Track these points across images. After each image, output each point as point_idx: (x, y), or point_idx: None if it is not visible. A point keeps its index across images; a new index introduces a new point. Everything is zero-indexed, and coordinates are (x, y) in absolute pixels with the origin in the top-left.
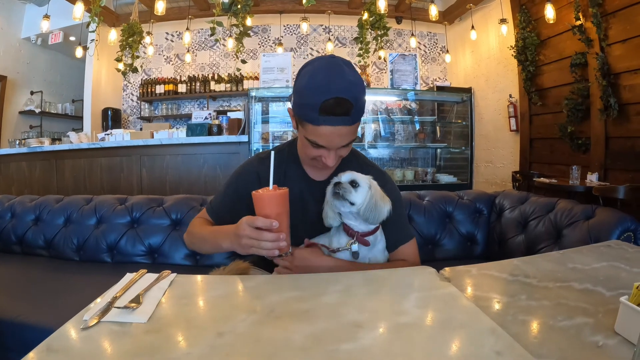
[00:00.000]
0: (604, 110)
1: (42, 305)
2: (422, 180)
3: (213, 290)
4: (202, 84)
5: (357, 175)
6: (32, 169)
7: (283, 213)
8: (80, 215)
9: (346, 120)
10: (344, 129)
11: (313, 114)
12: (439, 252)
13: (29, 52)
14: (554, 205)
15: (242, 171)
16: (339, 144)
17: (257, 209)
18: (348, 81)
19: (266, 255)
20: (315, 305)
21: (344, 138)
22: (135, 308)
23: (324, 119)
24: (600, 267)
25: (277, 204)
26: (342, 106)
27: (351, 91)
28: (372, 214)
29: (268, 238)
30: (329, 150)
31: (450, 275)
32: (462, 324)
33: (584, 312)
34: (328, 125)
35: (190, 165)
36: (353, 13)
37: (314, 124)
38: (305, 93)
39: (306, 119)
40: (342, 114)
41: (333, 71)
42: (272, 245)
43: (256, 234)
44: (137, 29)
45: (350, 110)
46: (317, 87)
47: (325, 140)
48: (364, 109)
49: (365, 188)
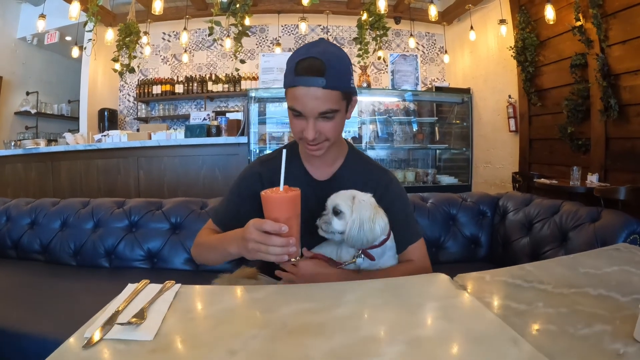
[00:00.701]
0: (604, 111)
1: (39, 312)
2: (423, 182)
3: (220, 303)
4: (199, 84)
5: (339, 200)
6: (28, 170)
7: (293, 217)
8: (77, 219)
9: (319, 82)
10: (318, 92)
11: (290, 76)
12: (442, 255)
13: (24, 52)
14: (559, 208)
15: (245, 175)
16: (315, 109)
17: (266, 211)
18: (326, 48)
19: (275, 261)
20: (330, 318)
21: (320, 103)
22: (139, 324)
23: (299, 79)
24: (612, 271)
25: (287, 206)
26: (315, 66)
27: (326, 55)
28: (358, 240)
29: (276, 243)
30: (307, 120)
31: (464, 282)
32: (483, 335)
33: (601, 319)
34: (302, 85)
35: (189, 167)
36: (351, 13)
37: (290, 85)
38: (287, 62)
39: (286, 85)
40: (315, 74)
41: (315, 43)
42: (280, 250)
43: (264, 238)
44: (134, 29)
45: (324, 71)
46: (297, 53)
47: (300, 104)
48: (343, 81)
49: (347, 213)
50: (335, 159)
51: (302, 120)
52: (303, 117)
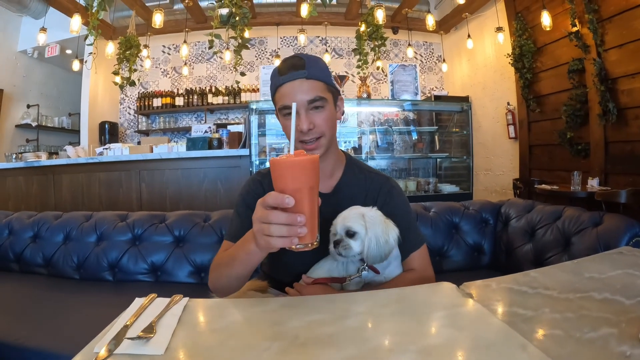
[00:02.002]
0: (602, 115)
1: (43, 327)
2: (424, 191)
3: (230, 316)
4: (199, 96)
5: (349, 221)
6: (29, 183)
7: (304, 189)
8: (79, 233)
9: (302, 74)
10: (304, 83)
11: (275, 79)
12: (446, 264)
13: (25, 65)
14: (561, 213)
15: (247, 188)
16: (303, 99)
17: (273, 181)
18: (303, 54)
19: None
20: (340, 329)
21: (306, 92)
22: (149, 338)
23: (282, 78)
24: (616, 275)
25: (294, 173)
26: (295, 62)
27: (304, 55)
28: (377, 255)
29: (280, 219)
30: (299, 113)
31: (470, 290)
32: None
33: (607, 322)
34: (287, 82)
35: (191, 180)
36: (349, 24)
37: (277, 86)
38: (272, 72)
39: (273, 89)
40: (296, 68)
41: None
42: (286, 230)
43: (266, 214)
44: (134, 42)
45: (304, 65)
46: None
47: (289, 98)
48: (323, 72)
49: (361, 233)
50: (334, 170)
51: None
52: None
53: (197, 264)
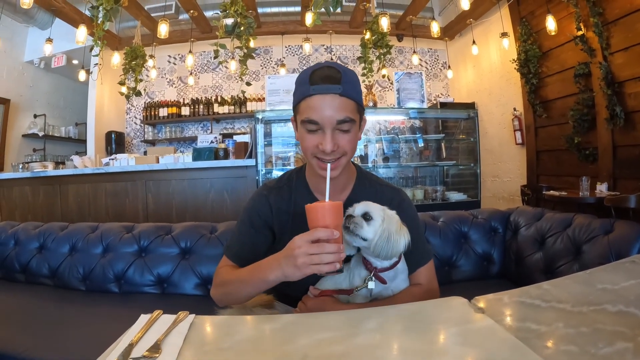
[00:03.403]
0: (610, 119)
1: (48, 339)
2: (432, 199)
3: (237, 334)
4: (205, 106)
5: (371, 207)
6: (36, 194)
7: (339, 225)
8: (85, 244)
9: (337, 89)
10: (335, 100)
11: (305, 87)
12: (455, 274)
13: (32, 75)
14: (571, 221)
15: (254, 204)
16: (333, 117)
17: (313, 221)
18: (338, 63)
19: (325, 272)
20: (350, 347)
21: (337, 110)
22: (155, 358)
23: (314, 87)
24: (629, 285)
25: (334, 214)
26: (331, 74)
27: (340, 67)
28: (384, 250)
29: (330, 250)
30: (325, 131)
31: (482, 305)
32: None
33: (622, 336)
34: (318, 94)
35: (197, 191)
36: (354, 32)
37: (305, 95)
38: (299, 77)
39: (300, 97)
40: (331, 81)
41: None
42: (334, 257)
43: (316, 247)
44: (139, 52)
45: (339, 79)
46: (310, 68)
47: (318, 113)
48: (357, 90)
49: (378, 221)
50: (346, 184)
51: (317, 135)
52: (318, 131)
53: (203, 275)
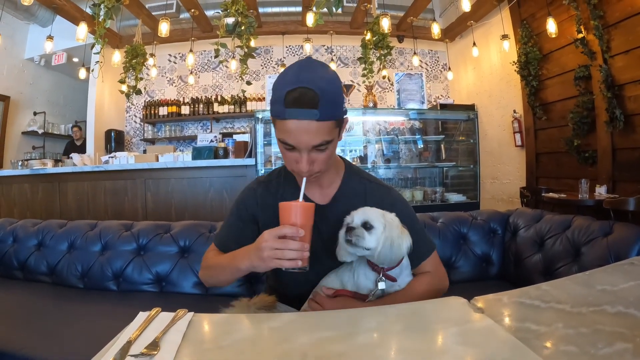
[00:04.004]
0: (609, 122)
1: (46, 336)
2: (431, 200)
3: (236, 333)
4: (205, 105)
5: (370, 215)
6: (35, 191)
7: (307, 226)
8: (84, 241)
9: (313, 114)
10: (312, 125)
11: (280, 107)
12: (454, 275)
13: (32, 73)
14: (570, 223)
15: (242, 197)
16: (309, 143)
17: (283, 218)
18: (317, 74)
19: (288, 267)
20: (351, 346)
21: (314, 136)
22: (153, 355)
23: (290, 111)
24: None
25: (302, 214)
26: (307, 97)
27: (318, 83)
28: (388, 257)
29: (293, 247)
30: (301, 152)
31: (481, 305)
32: None
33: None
34: (294, 119)
35: (196, 189)
36: (355, 33)
37: (280, 118)
38: (275, 88)
39: (275, 115)
40: (307, 106)
41: (303, 66)
42: (296, 254)
43: (281, 243)
44: (140, 51)
45: (317, 102)
46: (284, 81)
47: (293, 138)
48: (337, 108)
49: (379, 229)
50: (332, 180)
51: (294, 153)
52: (294, 150)
53: None
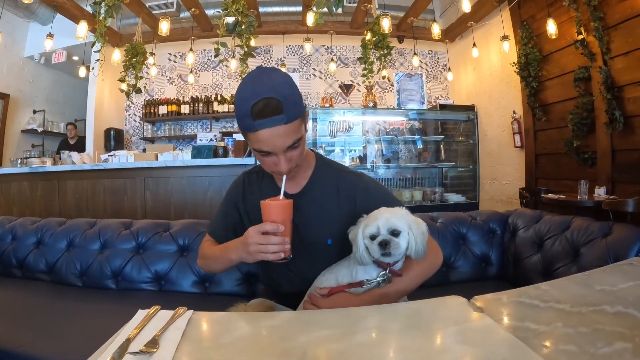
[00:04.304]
0: (609, 123)
1: (45, 335)
2: (431, 201)
3: (235, 331)
4: (205, 104)
5: (393, 220)
6: (34, 189)
7: (287, 220)
8: (83, 240)
9: (280, 119)
10: (281, 129)
11: (248, 121)
12: (453, 275)
13: (32, 71)
14: (569, 224)
15: (230, 188)
16: (283, 145)
17: (264, 216)
18: (272, 82)
19: (272, 260)
20: (349, 345)
21: (286, 138)
22: (152, 353)
23: (259, 123)
24: (628, 287)
25: (282, 211)
26: (271, 106)
27: (277, 90)
28: (422, 249)
29: (274, 241)
30: (278, 155)
31: (481, 304)
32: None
33: (621, 336)
34: (264, 128)
35: (196, 188)
36: (355, 33)
37: (252, 131)
38: (238, 105)
39: (245, 129)
40: (274, 113)
41: (257, 78)
42: (277, 248)
43: (264, 238)
44: (140, 50)
45: (281, 107)
46: (245, 96)
47: (267, 145)
48: (299, 106)
49: (405, 230)
50: (304, 171)
51: (271, 157)
52: (271, 154)
53: (201, 273)
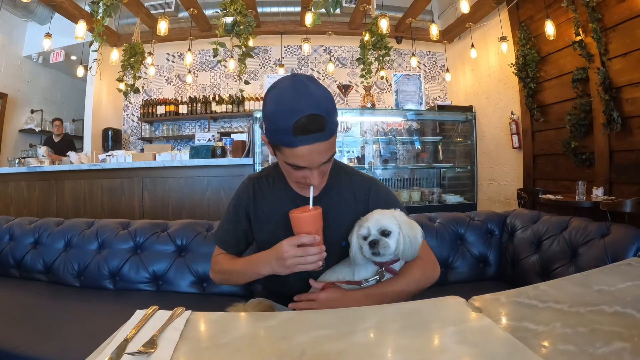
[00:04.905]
0: (607, 124)
1: (43, 335)
2: (429, 201)
3: (234, 331)
4: (203, 105)
5: (383, 221)
6: (32, 189)
7: (320, 229)
8: (81, 240)
9: (322, 136)
10: (322, 145)
11: (287, 137)
12: (451, 275)
13: (30, 70)
14: (568, 224)
15: (237, 194)
16: (320, 161)
17: (297, 228)
18: (315, 96)
19: (311, 270)
20: (348, 345)
21: (324, 154)
22: (150, 353)
23: (300, 139)
24: (626, 287)
25: (315, 222)
26: (315, 122)
27: (321, 106)
28: (410, 252)
29: (313, 252)
30: (312, 170)
31: (480, 304)
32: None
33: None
34: (305, 144)
35: (194, 188)
36: (353, 34)
37: (290, 146)
38: (276, 118)
39: (282, 143)
40: (316, 130)
41: (298, 90)
42: (316, 257)
43: (302, 251)
44: (138, 49)
45: (324, 125)
46: (286, 110)
47: (305, 161)
48: (336, 120)
49: (396, 231)
50: None
51: (303, 171)
52: (305, 168)
53: (199, 273)
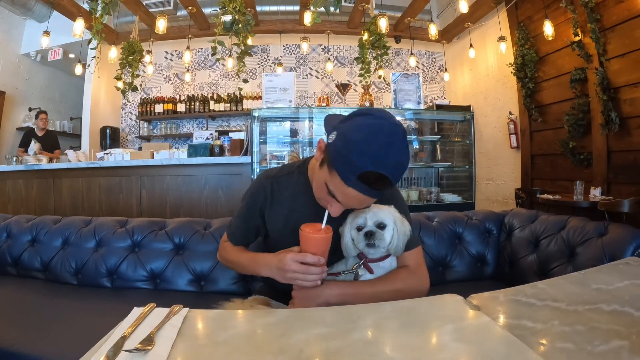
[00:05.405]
0: (605, 124)
1: (39, 333)
2: (427, 200)
3: (232, 329)
4: (201, 103)
5: (380, 214)
6: (29, 187)
7: (327, 251)
8: (78, 238)
9: (376, 195)
10: (368, 200)
11: (349, 174)
12: (449, 274)
13: (28, 68)
14: (565, 223)
15: (253, 190)
16: (354, 206)
17: (304, 245)
18: (399, 161)
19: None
20: (347, 342)
21: (362, 204)
22: (147, 351)
23: (358, 184)
24: (624, 286)
25: (323, 244)
26: (382, 183)
27: (397, 172)
28: (400, 247)
29: (315, 272)
30: (341, 205)
31: (478, 302)
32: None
33: (617, 334)
34: (357, 191)
35: (192, 187)
36: (352, 33)
37: (344, 181)
38: (354, 151)
39: (339, 171)
40: (378, 189)
41: (392, 145)
42: (316, 277)
43: (304, 269)
44: (137, 48)
45: (387, 190)
46: (370, 154)
47: (343, 199)
48: None
49: (391, 225)
50: None
51: (333, 201)
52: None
53: (197, 272)
